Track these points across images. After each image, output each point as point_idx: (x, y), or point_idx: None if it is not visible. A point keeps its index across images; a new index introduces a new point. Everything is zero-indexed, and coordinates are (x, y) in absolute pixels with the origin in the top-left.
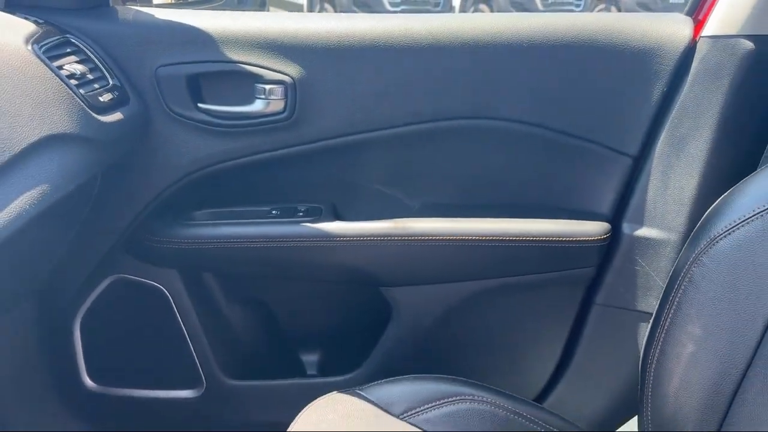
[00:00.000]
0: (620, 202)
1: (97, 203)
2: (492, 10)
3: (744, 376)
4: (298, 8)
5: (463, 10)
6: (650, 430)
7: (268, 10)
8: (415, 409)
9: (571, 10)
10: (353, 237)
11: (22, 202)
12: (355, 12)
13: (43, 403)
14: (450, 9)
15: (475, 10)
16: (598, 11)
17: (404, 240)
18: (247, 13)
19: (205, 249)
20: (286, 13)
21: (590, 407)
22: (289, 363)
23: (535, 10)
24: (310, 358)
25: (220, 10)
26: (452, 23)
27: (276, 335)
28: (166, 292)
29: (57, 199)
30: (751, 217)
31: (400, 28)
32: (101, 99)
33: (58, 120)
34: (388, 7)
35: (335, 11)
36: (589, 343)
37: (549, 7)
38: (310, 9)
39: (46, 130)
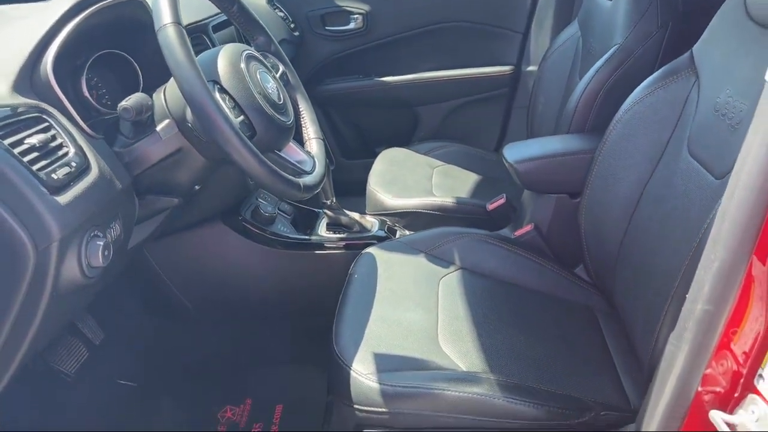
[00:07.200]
0: (518, 55)
1: None
2: None
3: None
4: None
5: None
6: None
7: None
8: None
9: None
10: (397, 82)
11: None
12: None
13: None
14: None
15: None
16: None
17: (420, 81)
18: None
19: (333, 94)
20: None
21: None
22: (369, 150)
23: None
24: (380, 148)
25: None
26: None
27: (362, 135)
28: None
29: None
30: None
31: None
32: (291, 26)
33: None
34: None
35: None
36: (515, 121)
37: None
38: None
39: (282, 36)
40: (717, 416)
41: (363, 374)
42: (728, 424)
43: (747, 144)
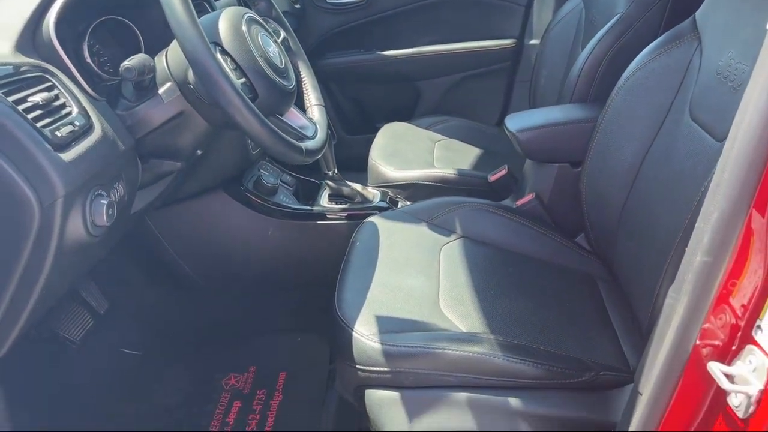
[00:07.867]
0: (521, 28)
1: None
2: None
3: None
4: None
5: None
6: None
7: None
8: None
9: None
10: (398, 56)
11: None
12: None
13: None
14: None
15: None
16: None
17: (421, 55)
18: None
19: (334, 68)
20: None
21: None
22: (370, 125)
23: None
24: (381, 123)
25: None
26: None
27: (363, 110)
28: None
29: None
30: None
31: None
32: (293, 3)
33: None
34: None
35: None
36: (517, 95)
37: None
38: None
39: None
40: (715, 368)
41: (365, 335)
42: (726, 376)
43: (747, 95)
